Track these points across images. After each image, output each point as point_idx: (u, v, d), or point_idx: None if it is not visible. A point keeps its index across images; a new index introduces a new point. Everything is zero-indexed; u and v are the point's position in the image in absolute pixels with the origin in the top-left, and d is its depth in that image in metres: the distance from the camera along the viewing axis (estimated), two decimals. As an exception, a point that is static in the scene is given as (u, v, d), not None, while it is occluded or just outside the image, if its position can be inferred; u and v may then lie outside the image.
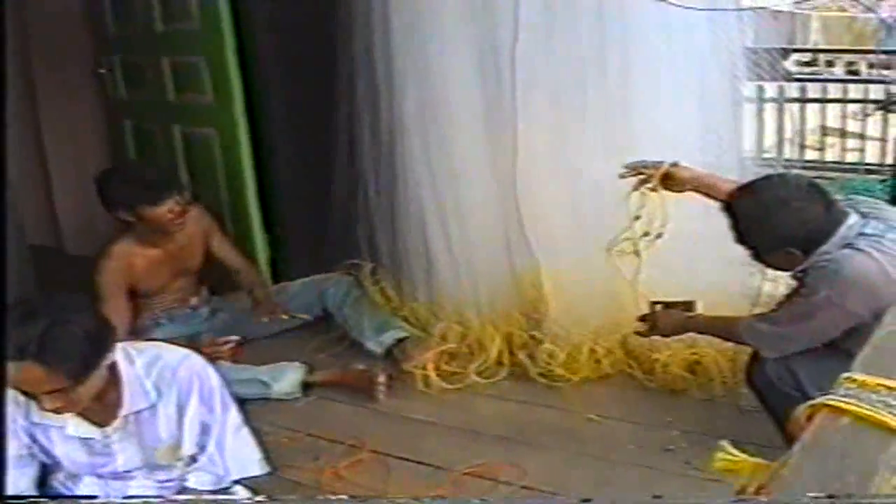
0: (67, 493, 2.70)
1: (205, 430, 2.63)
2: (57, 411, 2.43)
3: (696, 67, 3.65)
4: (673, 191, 3.18)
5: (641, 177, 3.21)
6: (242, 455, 2.69)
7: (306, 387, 3.79)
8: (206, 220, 4.16)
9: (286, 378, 3.76)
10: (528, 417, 3.41)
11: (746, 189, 2.78)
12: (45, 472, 2.72)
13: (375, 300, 4.17)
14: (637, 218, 3.25)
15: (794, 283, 2.81)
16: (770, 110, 6.92)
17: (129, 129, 5.15)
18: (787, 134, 6.94)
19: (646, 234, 3.27)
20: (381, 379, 3.67)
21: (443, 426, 3.39)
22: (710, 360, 3.50)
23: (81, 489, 2.70)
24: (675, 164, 3.19)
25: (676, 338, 3.36)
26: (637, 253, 3.29)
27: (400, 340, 3.95)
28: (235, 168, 4.53)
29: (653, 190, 3.20)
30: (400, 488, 3.03)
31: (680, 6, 3.30)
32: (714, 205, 2.96)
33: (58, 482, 2.72)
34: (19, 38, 5.20)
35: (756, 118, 6.45)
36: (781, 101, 6.91)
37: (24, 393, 2.41)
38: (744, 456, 1.35)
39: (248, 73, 4.45)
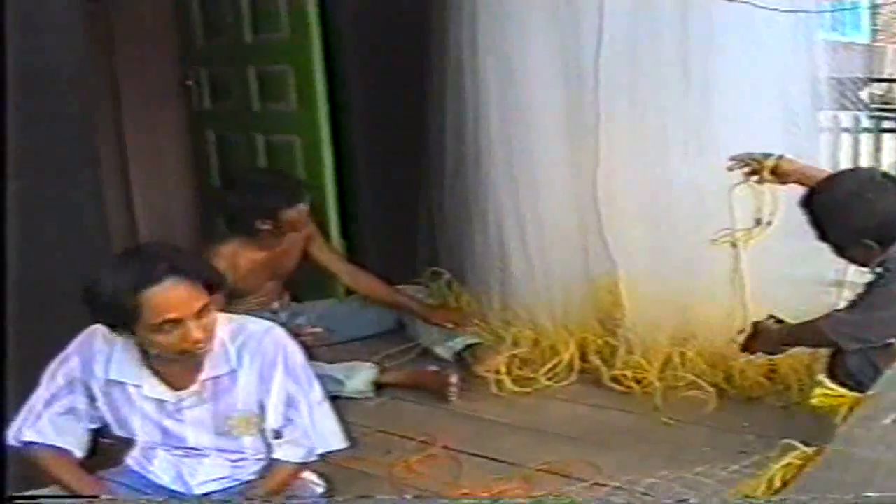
0: (141, 470, 2.72)
1: (291, 402, 2.63)
2: (198, 344, 2.45)
3: (778, 84, 3.65)
4: (778, 183, 3.19)
5: (748, 169, 3.20)
6: (325, 429, 2.68)
7: (379, 387, 3.80)
8: (309, 226, 4.21)
9: (359, 377, 3.78)
10: (600, 420, 3.39)
11: (821, 185, 2.79)
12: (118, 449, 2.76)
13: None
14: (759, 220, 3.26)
15: None
16: (845, 140, 6.84)
17: (211, 139, 5.24)
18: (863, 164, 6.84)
19: (757, 221, 3.26)
20: (453, 380, 3.67)
21: (514, 426, 3.37)
22: (786, 367, 3.46)
23: (155, 466, 2.71)
24: (781, 157, 3.18)
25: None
26: (734, 245, 3.29)
27: (470, 346, 3.95)
28: (316, 175, 4.58)
29: (760, 182, 3.21)
30: (471, 483, 3.01)
31: (763, 7, 3.30)
32: None
33: (132, 460, 2.73)
34: (106, 51, 5.32)
35: (832, 147, 6.38)
36: (856, 131, 6.83)
37: (164, 332, 2.41)
38: (842, 390, 1.33)
39: (332, 81, 4.51)
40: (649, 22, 3.62)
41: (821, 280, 3.71)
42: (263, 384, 2.60)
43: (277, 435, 2.64)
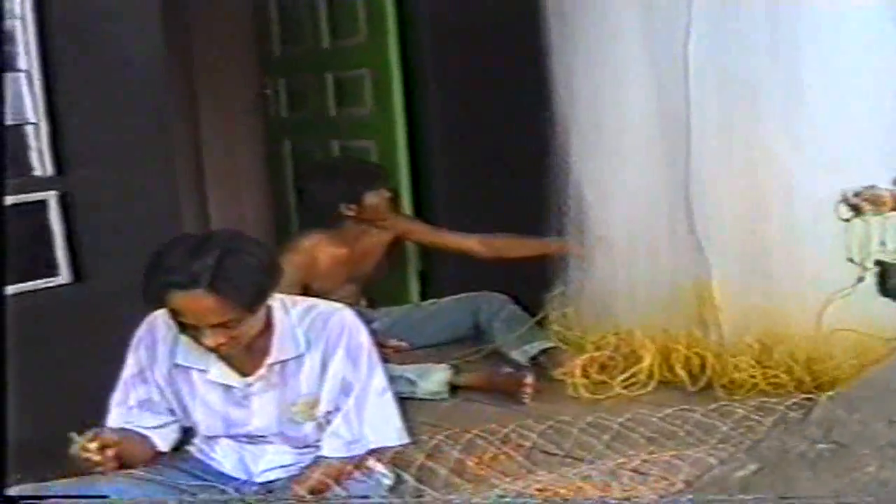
0: (204, 458, 2.65)
1: (345, 388, 2.53)
2: (217, 349, 2.39)
3: (875, 81, 3.50)
4: None
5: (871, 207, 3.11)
6: (382, 421, 2.57)
7: (453, 389, 3.71)
8: (402, 222, 4.18)
9: (433, 378, 3.70)
10: (682, 422, 3.23)
11: None
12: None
13: (526, 315, 4.05)
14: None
15: None
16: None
17: (288, 148, 5.23)
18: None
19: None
20: (528, 381, 3.57)
21: (591, 427, 3.24)
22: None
23: (218, 453, 2.64)
24: None
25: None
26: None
27: (545, 350, 3.85)
28: (392, 179, 4.51)
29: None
30: (545, 480, 2.88)
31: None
32: None
33: (194, 447, 2.67)
34: (183, 60, 5.35)
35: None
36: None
37: (185, 327, 2.37)
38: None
39: (409, 84, 4.47)
40: (737, 22, 3.50)
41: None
42: (324, 366, 2.51)
43: (328, 423, 2.54)
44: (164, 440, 2.59)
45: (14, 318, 3.07)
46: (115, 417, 2.56)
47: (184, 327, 2.37)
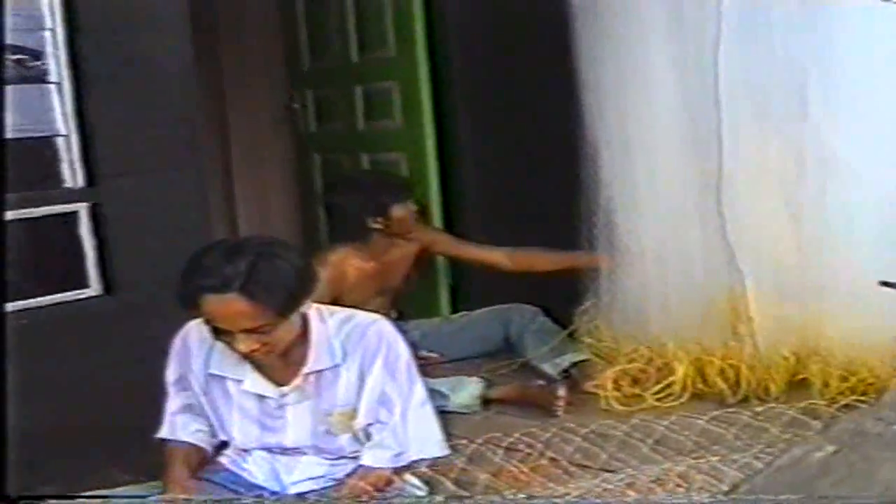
0: (236, 468, 2.63)
1: (384, 400, 2.50)
2: (250, 355, 2.37)
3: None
4: None
5: None
6: (423, 433, 2.54)
7: (485, 402, 3.69)
8: (429, 234, 4.16)
9: (465, 391, 3.67)
10: (718, 434, 3.19)
11: None
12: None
13: (557, 327, 4.02)
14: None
15: None
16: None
17: (317, 162, 5.22)
18: None
19: None
20: (561, 393, 3.54)
21: (625, 440, 3.20)
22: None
23: (250, 464, 2.63)
24: None
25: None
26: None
27: (577, 363, 3.81)
28: (422, 193, 4.50)
29: None
30: (580, 492, 2.83)
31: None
32: None
33: (226, 458, 2.65)
34: (213, 74, 5.36)
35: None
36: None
37: (219, 333, 2.35)
38: None
39: (438, 96, 4.46)
40: (768, 24, 3.46)
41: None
42: (361, 378, 2.48)
43: (367, 436, 2.51)
44: (211, 446, 2.62)
45: (45, 329, 3.09)
46: (167, 426, 2.59)
47: (218, 333, 2.35)
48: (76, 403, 3.03)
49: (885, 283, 3.01)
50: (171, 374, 2.56)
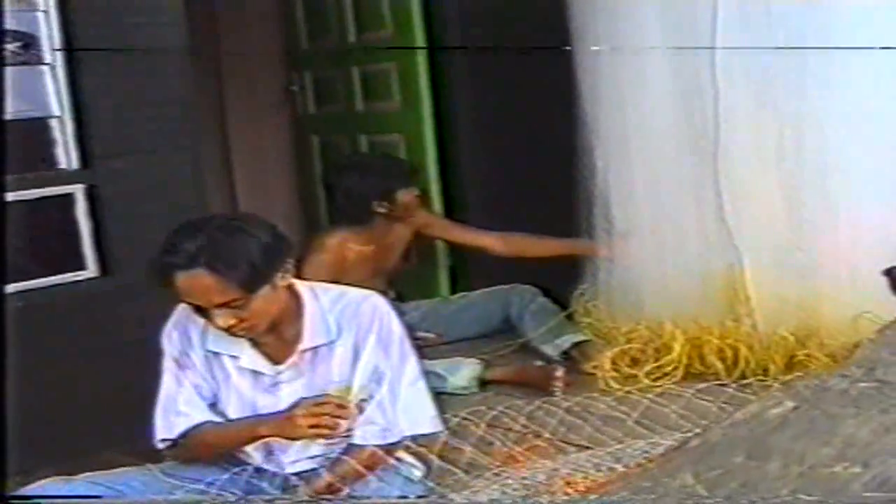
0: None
1: (377, 376, 2.50)
2: (230, 331, 2.37)
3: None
4: None
5: None
6: (416, 409, 2.54)
7: (483, 383, 3.68)
8: (423, 216, 4.15)
9: (462, 373, 3.66)
10: (716, 416, 3.18)
11: None
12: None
13: (556, 307, 4.01)
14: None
15: None
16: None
17: (315, 144, 5.20)
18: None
19: None
20: (559, 374, 3.53)
21: (623, 421, 3.19)
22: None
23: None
24: None
25: None
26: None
27: (577, 344, 3.80)
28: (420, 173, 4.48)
29: None
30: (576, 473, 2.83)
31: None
32: None
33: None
34: (210, 54, 5.33)
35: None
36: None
37: (198, 310, 2.36)
38: None
39: (437, 77, 4.44)
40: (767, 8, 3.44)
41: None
42: (356, 353, 2.49)
43: (360, 411, 2.50)
44: None
45: (42, 311, 3.09)
46: (176, 414, 2.52)
47: (197, 311, 2.37)
48: (74, 384, 3.03)
49: (888, 272, 3.00)
50: (171, 355, 2.54)
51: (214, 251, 2.27)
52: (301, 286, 2.50)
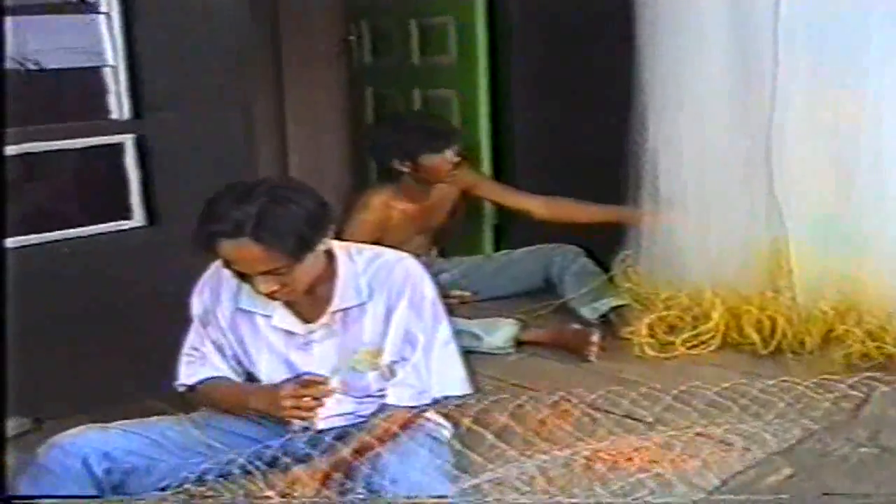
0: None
1: (409, 338, 2.55)
2: (272, 296, 2.41)
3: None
4: None
5: None
6: (447, 371, 2.60)
7: (519, 344, 3.70)
8: (469, 176, 4.14)
9: (499, 333, 3.68)
10: (750, 386, 3.18)
11: None
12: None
13: (598, 269, 4.02)
14: None
15: None
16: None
17: (369, 95, 5.22)
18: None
19: None
20: (595, 338, 3.54)
21: (657, 389, 3.20)
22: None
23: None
24: None
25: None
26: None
27: (615, 308, 3.80)
28: (471, 130, 4.50)
29: None
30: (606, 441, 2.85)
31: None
32: None
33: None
34: (268, 8, 5.34)
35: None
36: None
37: (240, 275, 2.40)
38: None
39: (494, 33, 4.44)
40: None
41: None
42: (387, 316, 2.52)
43: (393, 374, 2.55)
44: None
45: (89, 259, 3.16)
46: (190, 364, 2.61)
47: (239, 275, 2.41)
48: (116, 332, 3.10)
49: None
50: (198, 311, 2.61)
51: (261, 221, 2.29)
52: (337, 248, 2.53)
